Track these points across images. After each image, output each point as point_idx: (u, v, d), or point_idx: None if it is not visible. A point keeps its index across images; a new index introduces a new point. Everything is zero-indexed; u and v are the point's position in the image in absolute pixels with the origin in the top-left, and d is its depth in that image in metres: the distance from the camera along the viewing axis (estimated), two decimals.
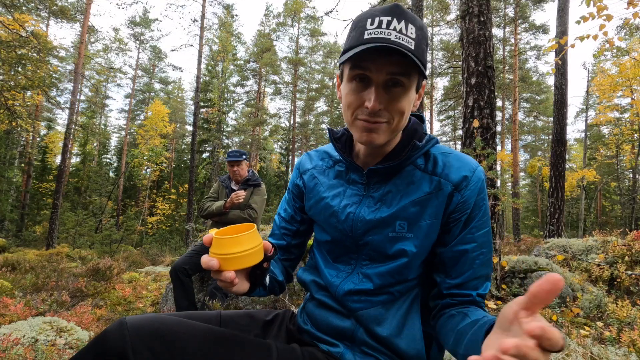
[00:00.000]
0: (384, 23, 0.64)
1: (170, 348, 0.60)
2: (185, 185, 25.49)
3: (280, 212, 0.98)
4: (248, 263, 0.63)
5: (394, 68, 0.65)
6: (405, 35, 0.64)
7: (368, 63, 0.65)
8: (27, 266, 5.85)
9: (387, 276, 0.74)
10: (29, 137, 22.44)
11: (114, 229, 15.93)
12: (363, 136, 0.70)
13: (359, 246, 0.78)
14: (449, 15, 21.87)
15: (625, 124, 18.04)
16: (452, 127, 27.53)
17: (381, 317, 0.75)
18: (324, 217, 0.83)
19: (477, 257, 0.73)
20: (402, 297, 0.76)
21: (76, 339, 2.22)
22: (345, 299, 0.77)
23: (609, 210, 23.88)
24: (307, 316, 0.86)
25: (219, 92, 22.89)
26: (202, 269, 2.87)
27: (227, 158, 3.06)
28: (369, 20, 0.66)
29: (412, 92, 0.69)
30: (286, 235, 0.95)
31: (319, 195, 0.85)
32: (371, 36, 0.64)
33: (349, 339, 0.77)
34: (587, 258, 3.86)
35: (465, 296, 0.72)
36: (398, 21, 0.64)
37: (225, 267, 0.62)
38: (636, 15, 3.05)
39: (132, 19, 26.31)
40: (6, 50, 9.27)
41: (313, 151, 0.95)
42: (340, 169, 0.85)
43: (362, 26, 0.67)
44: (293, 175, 0.96)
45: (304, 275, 0.90)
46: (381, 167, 0.74)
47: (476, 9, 3.55)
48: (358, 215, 0.76)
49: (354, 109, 0.70)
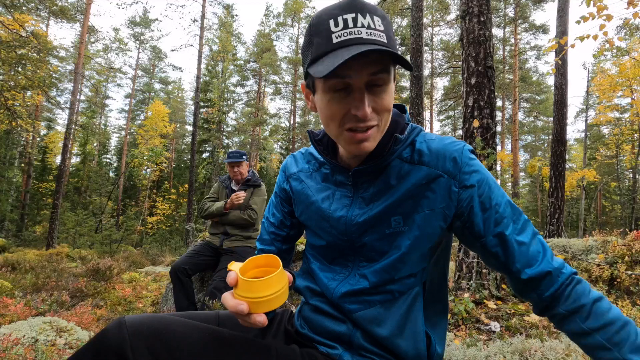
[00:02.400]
0: (350, 21, 0.58)
1: (169, 347, 0.60)
2: (185, 185, 25.50)
3: (268, 216, 0.96)
4: (278, 304, 0.60)
5: (374, 68, 0.60)
6: (375, 30, 0.59)
7: (345, 70, 0.58)
8: (27, 266, 5.85)
9: (382, 272, 0.72)
10: (29, 137, 22.45)
11: (114, 229, 15.92)
12: (353, 148, 0.66)
13: (355, 248, 0.75)
14: (449, 15, 21.87)
15: (625, 124, 18.05)
16: (452, 127, 27.52)
17: (381, 317, 0.72)
18: (316, 222, 0.80)
19: (515, 232, 0.68)
20: (402, 296, 0.73)
21: (76, 339, 2.22)
22: (341, 302, 0.75)
23: (609, 210, 23.88)
24: (303, 320, 0.84)
25: (219, 92, 22.89)
26: (202, 269, 2.90)
27: (228, 159, 3.06)
28: (331, 22, 0.59)
29: (392, 86, 0.65)
30: (276, 241, 0.93)
31: (308, 200, 0.82)
32: (341, 39, 0.58)
33: (347, 343, 0.76)
34: (587, 258, 3.86)
35: (544, 280, 0.66)
36: (363, 16, 0.59)
37: (255, 311, 0.59)
38: (636, 15, 3.05)
39: (132, 19, 26.34)
40: (6, 50, 9.27)
41: (298, 152, 0.91)
42: (326, 172, 0.81)
43: (325, 29, 0.60)
44: (279, 178, 0.93)
45: (298, 281, 0.87)
46: (366, 168, 0.71)
47: (476, 9, 3.55)
48: (351, 219, 0.73)
49: (340, 119, 0.64)
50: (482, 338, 2.22)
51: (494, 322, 2.42)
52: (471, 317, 2.50)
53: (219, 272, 2.70)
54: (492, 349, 1.86)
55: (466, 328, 2.40)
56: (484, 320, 2.47)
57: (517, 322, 2.45)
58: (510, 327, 2.39)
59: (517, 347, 1.83)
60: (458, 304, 2.58)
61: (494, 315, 2.55)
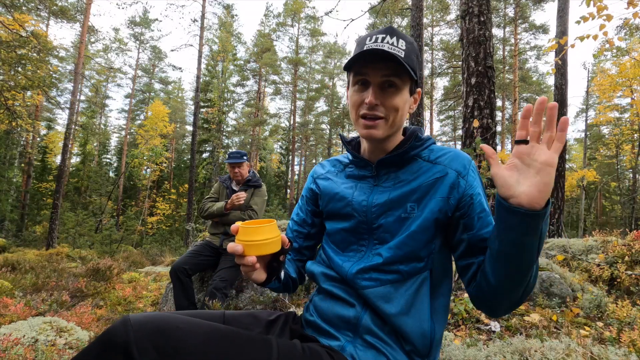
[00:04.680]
0: (380, 39, 0.79)
1: (174, 344, 0.61)
2: (185, 185, 25.49)
3: (293, 216, 1.08)
4: (268, 250, 0.73)
5: (387, 71, 0.79)
6: (396, 47, 0.78)
7: (366, 69, 0.80)
8: (27, 266, 5.85)
9: (395, 249, 0.80)
10: (29, 137, 22.43)
11: (114, 229, 15.91)
12: (364, 131, 0.83)
13: (372, 230, 0.85)
14: (449, 15, 21.88)
15: (625, 124, 18.05)
16: (452, 127, 27.52)
17: (390, 295, 0.79)
18: (339, 208, 0.91)
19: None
20: (411, 278, 0.80)
21: (76, 339, 2.22)
22: (355, 278, 0.82)
23: (609, 210, 23.87)
24: (313, 308, 0.91)
25: (219, 92, 22.89)
26: (202, 269, 2.90)
27: (228, 159, 3.05)
28: (368, 38, 0.81)
29: (405, 93, 0.82)
30: (298, 238, 1.04)
31: (333, 192, 0.94)
32: (368, 48, 0.78)
33: (353, 329, 0.81)
34: (587, 258, 3.86)
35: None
36: (391, 37, 0.79)
37: (248, 253, 0.72)
38: (636, 15, 3.05)
39: (132, 19, 26.31)
40: (6, 50, 9.27)
41: (325, 161, 1.07)
42: (350, 170, 0.95)
43: (362, 43, 0.81)
44: (307, 182, 1.07)
45: (313, 267, 0.96)
46: (389, 157, 0.85)
47: (476, 9, 3.55)
48: (371, 202, 0.85)
49: (357, 106, 0.83)
50: (482, 338, 2.22)
51: (494, 322, 2.42)
52: (471, 317, 2.50)
53: (219, 272, 2.70)
54: (492, 349, 1.86)
55: (466, 328, 2.40)
56: (484, 320, 2.47)
57: (517, 322, 2.46)
58: (510, 327, 2.39)
59: (517, 347, 1.83)
60: (458, 304, 2.58)
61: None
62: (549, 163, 0.60)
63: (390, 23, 21.47)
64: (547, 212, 0.61)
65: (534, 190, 0.60)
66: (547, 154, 0.60)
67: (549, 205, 0.61)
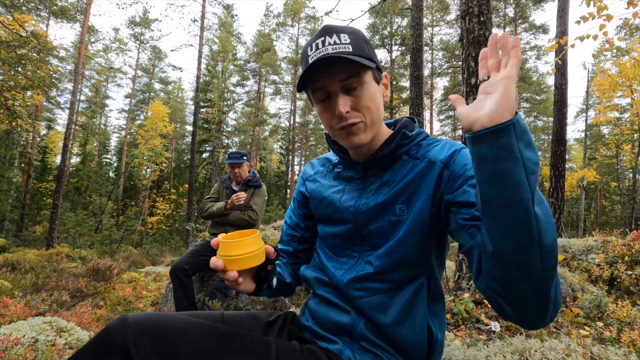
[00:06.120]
0: (320, 44, 0.73)
1: (172, 343, 0.60)
2: (185, 185, 25.49)
3: (286, 219, 1.06)
4: (250, 264, 0.70)
5: (342, 74, 0.72)
6: (340, 44, 0.72)
7: (322, 81, 0.73)
8: (27, 266, 5.85)
9: (384, 256, 0.77)
10: (29, 137, 22.44)
11: (114, 229, 15.92)
12: (346, 141, 0.78)
13: (363, 237, 0.81)
14: (449, 15, 21.87)
15: (625, 124, 18.04)
16: (452, 127, 27.52)
17: (384, 305, 0.76)
18: (328, 214, 0.88)
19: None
20: (406, 286, 0.77)
21: (76, 339, 2.22)
22: (348, 288, 0.80)
23: (609, 210, 23.88)
24: (309, 313, 0.89)
25: (219, 92, 22.89)
26: (202, 269, 2.90)
27: (228, 160, 3.05)
28: (308, 48, 0.75)
29: (371, 85, 0.76)
30: (292, 242, 1.02)
31: (321, 195, 0.91)
32: (313, 59, 0.72)
33: (349, 335, 0.79)
34: (587, 258, 3.86)
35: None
36: (330, 36, 0.73)
37: (229, 268, 0.70)
38: (636, 15, 3.05)
39: (132, 19, 26.31)
40: (6, 50, 9.27)
41: (315, 159, 1.03)
42: (339, 170, 0.91)
43: (305, 55, 0.75)
44: (298, 184, 1.04)
45: (307, 272, 0.94)
46: (375, 157, 0.80)
47: (476, 9, 3.55)
48: (359, 207, 0.81)
49: (330, 121, 0.77)
50: (482, 338, 2.22)
51: (494, 322, 2.42)
52: (471, 317, 2.50)
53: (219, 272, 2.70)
54: (492, 349, 1.86)
55: (466, 328, 2.40)
56: (484, 320, 2.47)
57: None
58: (510, 327, 2.39)
59: (517, 347, 1.83)
60: (458, 304, 2.58)
61: (494, 315, 2.55)
62: (506, 76, 0.53)
63: (390, 23, 21.48)
64: (515, 123, 0.51)
65: (494, 105, 0.52)
66: (504, 70, 0.55)
67: (517, 116, 0.52)
